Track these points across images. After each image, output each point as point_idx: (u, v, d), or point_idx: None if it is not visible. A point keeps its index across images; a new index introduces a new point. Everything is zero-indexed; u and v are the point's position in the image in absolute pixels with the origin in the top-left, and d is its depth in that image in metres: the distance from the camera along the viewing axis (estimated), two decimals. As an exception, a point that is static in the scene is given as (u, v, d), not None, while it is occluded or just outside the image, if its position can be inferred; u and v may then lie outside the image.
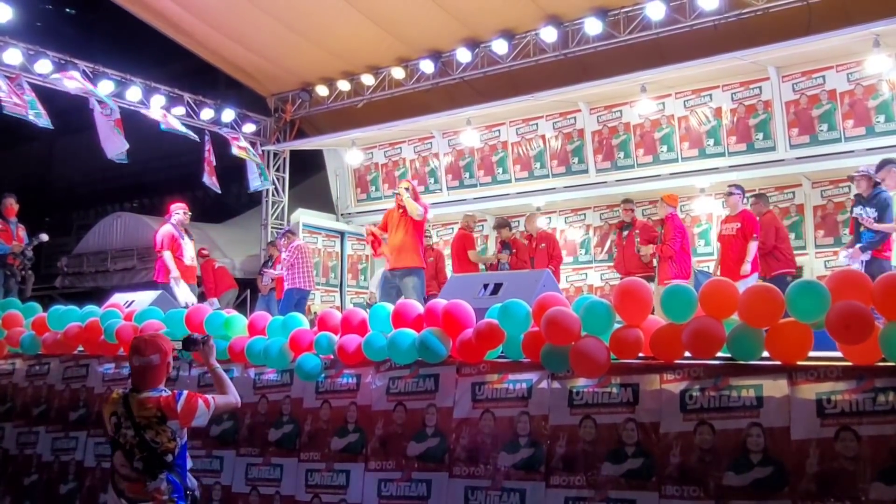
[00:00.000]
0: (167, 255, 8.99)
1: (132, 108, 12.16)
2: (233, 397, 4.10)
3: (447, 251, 13.30)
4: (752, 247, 8.64)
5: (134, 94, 12.12)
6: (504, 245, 10.85)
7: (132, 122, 12.12)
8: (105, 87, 11.72)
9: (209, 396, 3.92)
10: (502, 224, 11.01)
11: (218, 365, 4.25)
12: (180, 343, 4.26)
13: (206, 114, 13.16)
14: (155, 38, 13.02)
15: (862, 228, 7.60)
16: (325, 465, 5.20)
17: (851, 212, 7.87)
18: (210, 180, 12.83)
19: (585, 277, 12.03)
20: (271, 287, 11.82)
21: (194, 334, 4.50)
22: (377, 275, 11.98)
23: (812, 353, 3.86)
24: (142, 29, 12.74)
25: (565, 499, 4.22)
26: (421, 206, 8.22)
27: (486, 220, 13.01)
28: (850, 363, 3.67)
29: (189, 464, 3.91)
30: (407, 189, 8.29)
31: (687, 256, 9.34)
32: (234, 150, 13.01)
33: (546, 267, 9.56)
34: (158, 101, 12.40)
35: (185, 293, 8.87)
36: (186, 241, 9.35)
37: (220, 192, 13.17)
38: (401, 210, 8.19)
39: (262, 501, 5.44)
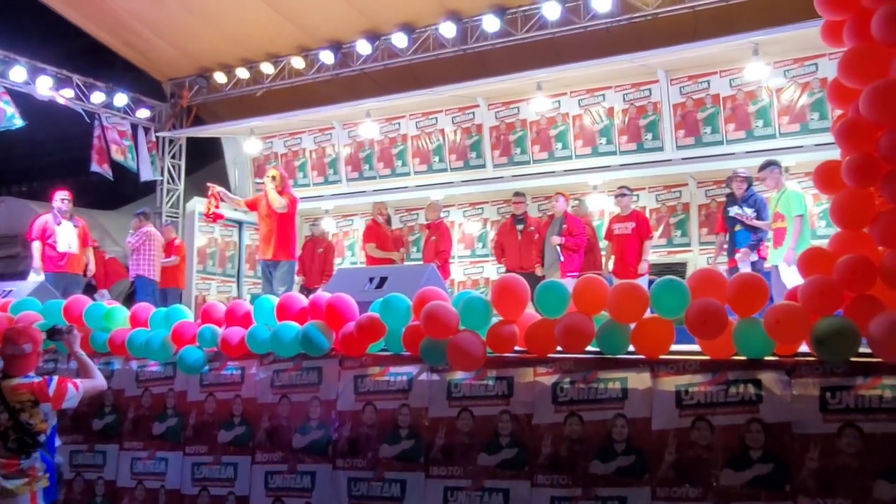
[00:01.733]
0: (35, 246, 8.79)
1: (16, 88, 11.65)
2: (98, 380, 4.35)
3: (347, 242, 13.32)
4: (648, 245, 9.09)
5: (18, 73, 11.59)
6: None
7: (20, 103, 11.63)
8: (-14, 66, 11.21)
9: (77, 381, 4.21)
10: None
11: (82, 352, 4.45)
12: (45, 333, 4.44)
13: (97, 97, 12.70)
14: (43, 14, 12.44)
15: (737, 227, 8.01)
16: (213, 458, 5.16)
17: (725, 212, 8.26)
18: (100, 168, 12.44)
19: (482, 270, 12.21)
20: None
21: (59, 324, 4.72)
22: None
23: (676, 347, 4.08)
24: (29, 2, 12.16)
25: (444, 489, 4.32)
26: (287, 197, 7.99)
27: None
28: (706, 357, 3.90)
29: (57, 442, 4.29)
30: (274, 178, 8.00)
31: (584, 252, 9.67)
32: (113, 153, 12.68)
33: (432, 260, 9.68)
34: (45, 82, 11.90)
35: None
36: (64, 228, 9.02)
37: (112, 178, 12.79)
38: (268, 200, 8.01)
39: (147, 496, 5.36)
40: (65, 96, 12.04)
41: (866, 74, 3.71)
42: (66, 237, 9.00)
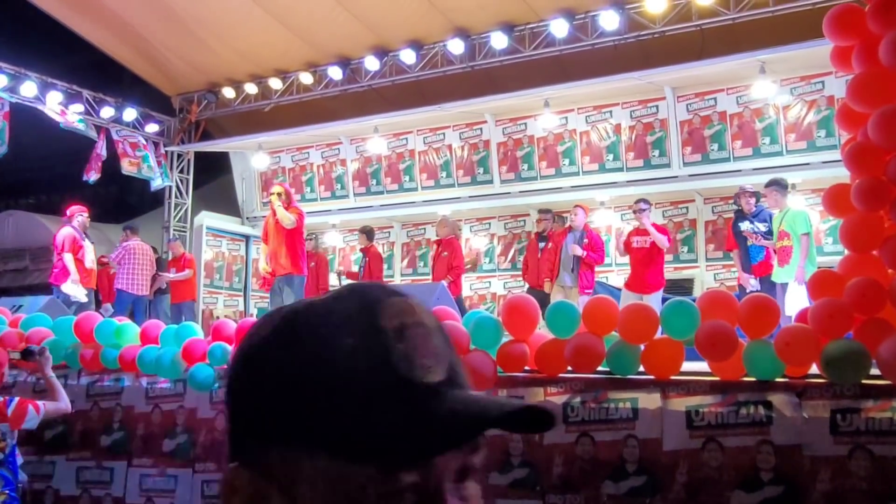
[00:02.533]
0: (68, 258, 8.77)
1: (27, 103, 11.74)
2: (63, 403, 4.45)
3: (354, 256, 13.33)
4: (663, 239, 8.78)
5: (29, 89, 11.68)
6: (363, 253, 10.91)
7: (27, 116, 11.72)
8: (-3, 81, 11.30)
9: (40, 403, 4.33)
10: (363, 230, 11.07)
11: (52, 374, 4.59)
12: (19, 354, 4.72)
13: (107, 112, 12.79)
14: (55, 28, 12.54)
15: (749, 243, 8.01)
16: (220, 475, 5.17)
17: (736, 227, 8.25)
18: (87, 176, 12.52)
19: (489, 286, 12.23)
20: (157, 290, 11.53)
21: (32, 346, 4.92)
22: None
23: (687, 365, 4.09)
24: (40, 17, 12.26)
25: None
26: (294, 213, 7.98)
27: (392, 227, 13.13)
28: (716, 378, 3.91)
29: (20, 460, 4.36)
30: (279, 195, 7.99)
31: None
32: (124, 169, 12.76)
33: (444, 276, 9.68)
34: (55, 97, 11.99)
35: (80, 295, 8.70)
36: (87, 245, 9.17)
37: (92, 183, 12.92)
38: (275, 217, 8.00)
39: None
40: (76, 112, 12.13)
41: (875, 99, 3.74)
42: (90, 253, 9.16)
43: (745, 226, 8.06)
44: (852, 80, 3.87)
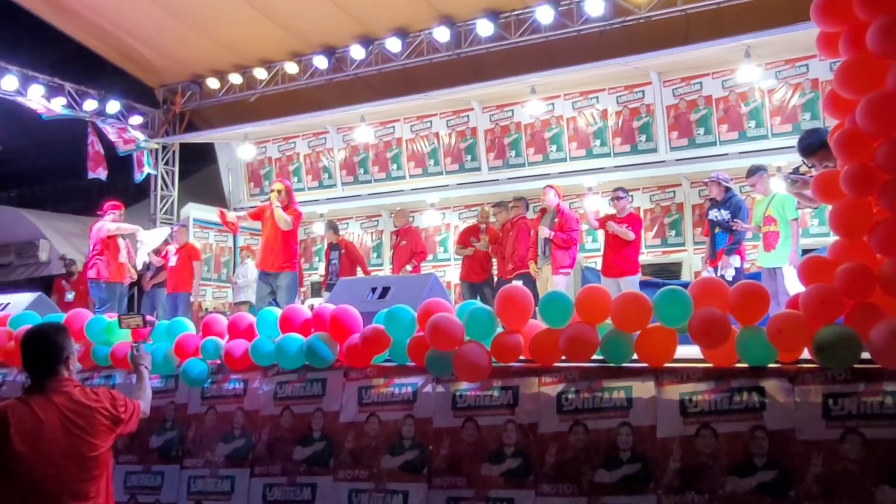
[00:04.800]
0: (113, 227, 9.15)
1: (7, 97, 11.62)
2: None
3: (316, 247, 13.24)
4: (627, 230, 8.69)
5: (10, 83, 11.56)
6: (332, 247, 10.91)
7: (8, 108, 11.61)
8: (-21, 76, 11.18)
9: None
10: (329, 226, 11.11)
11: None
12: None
13: (89, 104, 12.68)
14: (34, 21, 12.39)
15: (717, 230, 8.03)
16: (210, 471, 5.15)
17: (707, 215, 8.30)
18: (95, 173, 12.48)
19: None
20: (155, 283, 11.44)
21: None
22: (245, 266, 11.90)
23: (680, 350, 4.10)
24: (19, 10, 12.12)
25: (447, 499, 4.32)
26: (292, 214, 7.87)
27: (380, 216, 13.11)
28: (710, 365, 3.93)
29: None
30: (279, 192, 7.87)
31: (576, 247, 9.38)
32: (120, 149, 12.70)
33: (408, 262, 9.71)
34: (37, 90, 11.87)
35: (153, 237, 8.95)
36: (121, 240, 9.43)
37: (105, 180, 12.85)
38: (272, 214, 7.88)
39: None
40: (59, 105, 12.04)
41: (862, 86, 3.75)
42: (123, 249, 9.47)
43: (713, 213, 8.12)
44: (839, 66, 3.87)
